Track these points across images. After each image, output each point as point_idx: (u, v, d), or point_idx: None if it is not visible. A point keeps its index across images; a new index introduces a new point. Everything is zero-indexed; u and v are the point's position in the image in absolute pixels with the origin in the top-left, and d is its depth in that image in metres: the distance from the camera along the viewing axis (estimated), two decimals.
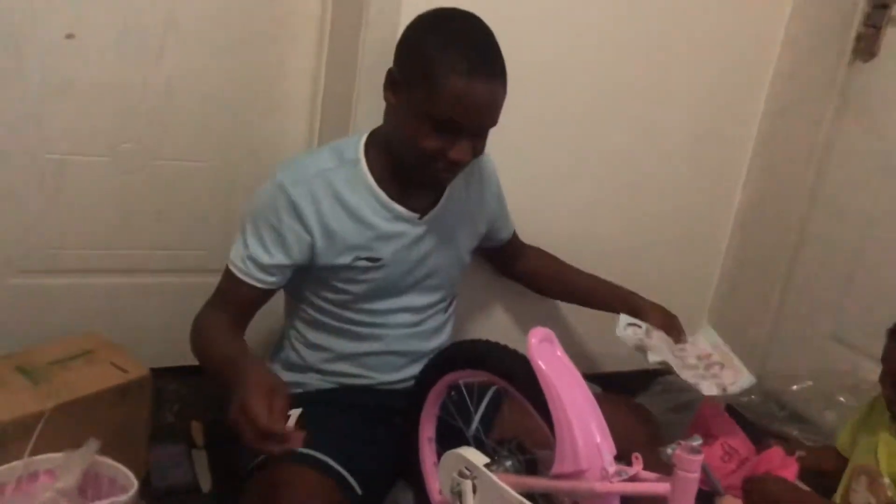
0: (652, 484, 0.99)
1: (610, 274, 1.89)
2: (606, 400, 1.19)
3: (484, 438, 1.25)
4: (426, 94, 1.18)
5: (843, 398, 1.74)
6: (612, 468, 1.02)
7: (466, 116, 1.19)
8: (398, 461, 1.36)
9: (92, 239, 1.65)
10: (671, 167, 1.96)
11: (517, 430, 1.21)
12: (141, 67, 1.57)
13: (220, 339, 1.27)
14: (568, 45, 1.71)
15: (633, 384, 1.90)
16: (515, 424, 1.25)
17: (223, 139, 1.69)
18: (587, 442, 1.03)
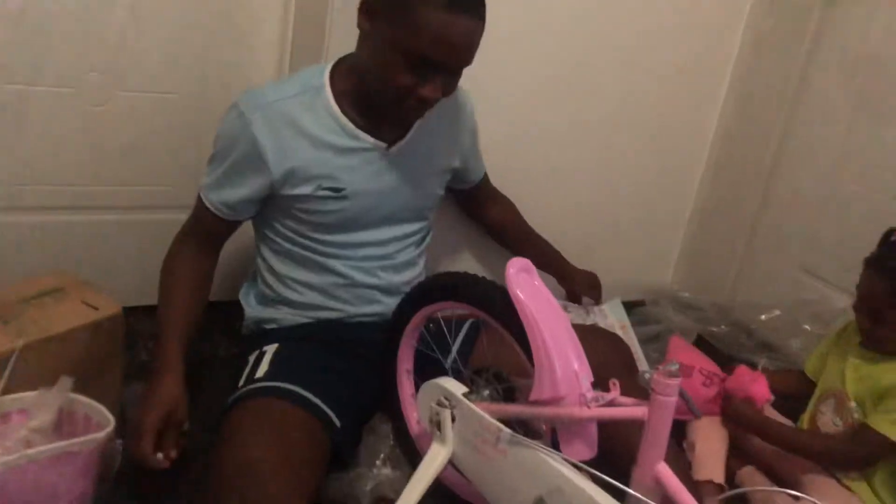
0: (629, 408, 1.01)
1: (582, 211, 1.90)
2: (583, 329, 1.21)
3: (462, 369, 1.25)
4: (403, 26, 1.15)
5: (809, 326, 1.79)
6: (589, 394, 1.03)
7: (443, 54, 1.16)
8: (376, 393, 1.37)
9: (57, 174, 1.61)
10: (645, 104, 1.95)
11: (495, 360, 1.22)
12: None
13: (174, 297, 1.32)
14: None
15: None
16: (493, 354, 1.26)
17: (193, 69, 1.64)
18: (565, 369, 1.04)
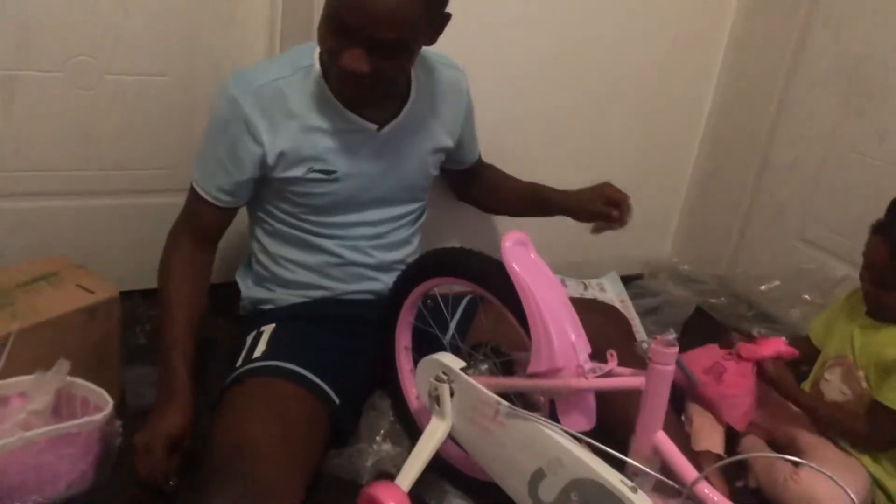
0: (627, 378, 1.01)
1: (577, 184, 1.88)
2: (580, 302, 1.20)
3: (460, 344, 1.25)
4: None
5: (808, 296, 1.78)
6: (587, 365, 1.03)
7: (355, 17, 1.11)
8: (375, 370, 1.37)
9: (50, 160, 1.59)
10: (642, 70, 1.93)
11: (493, 334, 1.21)
12: None
13: (175, 311, 1.28)
14: None
15: None
16: (491, 329, 1.25)
17: (181, 51, 1.62)
18: (562, 340, 1.03)
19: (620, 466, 0.95)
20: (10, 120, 1.52)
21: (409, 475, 1.12)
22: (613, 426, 1.06)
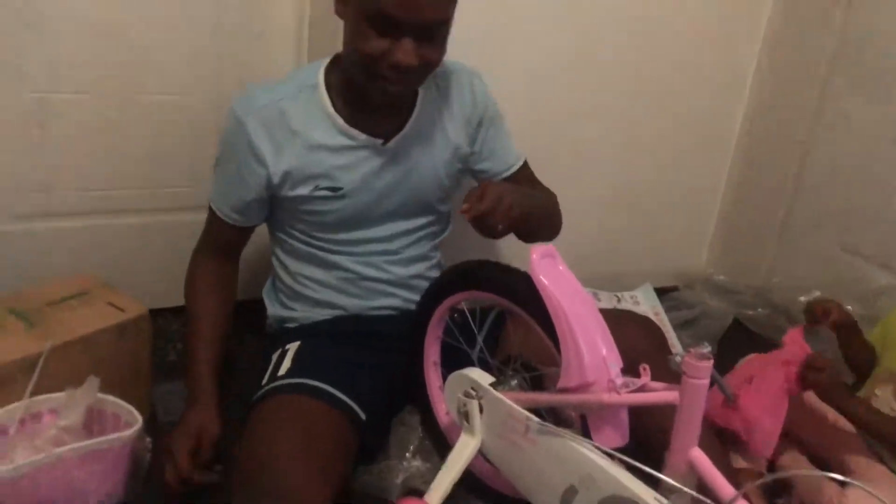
0: (660, 393, 0.98)
1: (607, 196, 1.85)
2: (612, 314, 1.17)
3: (489, 359, 1.23)
4: None
5: (851, 307, 1.72)
6: (619, 380, 1.00)
7: (402, 8, 1.11)
8: (403, 385, 1.35)
9: (82, 180, 1.62)
10: (670, 80, 1.91)
11: (522, 348, 1.19)
12: None
13: (200, 324, 1.32)
14: None
15: None
16: (520, 343, 1.23)
17: (209, 71, 1.64)
18: (593, 354, 1.00)
19: (655, 484, 0.92)
20: (41, 141, 1.55)
21: (438, 491, 1.11)
22: (648, 442, 1.03)
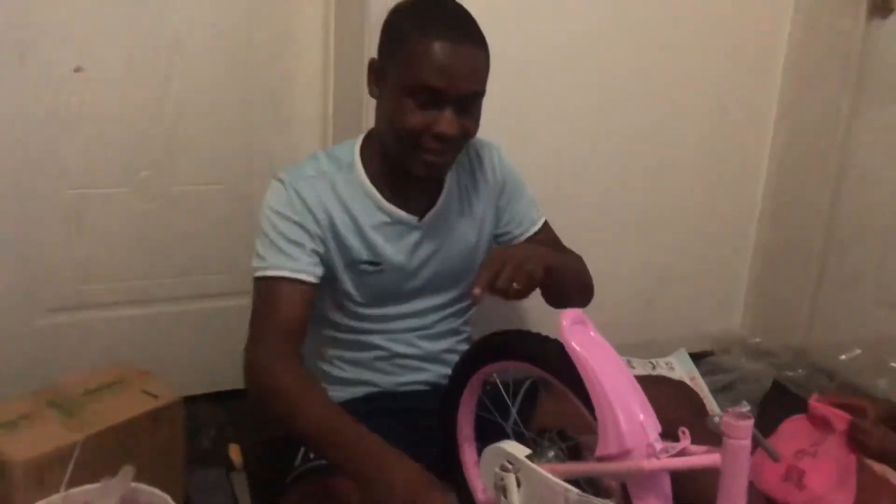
0: (701, 457, 0.95)
1: (637, 261, 1.83)
2: (646, 380, 1.15)
3: (524, 430, 1.20)
4: (403, 66, 1.16)
5: (895, 363, 1.68)
6: (658, 445, 0.97)
7: (444, 79, 1.14)
8: (437, 462, 1.32)
9: (117, 271, 1.66)
10: (691, 143, 1.93)
11: (557, 417, 1.16)
12: (150, 94, 1.58)
13: (319, 410, 1.12)
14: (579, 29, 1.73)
15: None
16: (555, 412, 1.21)
17: (238, 159, 1.69)
18: (630, 421, 0.98)
19: None
20: (81, 236, 1.60)
21: None
22: None
